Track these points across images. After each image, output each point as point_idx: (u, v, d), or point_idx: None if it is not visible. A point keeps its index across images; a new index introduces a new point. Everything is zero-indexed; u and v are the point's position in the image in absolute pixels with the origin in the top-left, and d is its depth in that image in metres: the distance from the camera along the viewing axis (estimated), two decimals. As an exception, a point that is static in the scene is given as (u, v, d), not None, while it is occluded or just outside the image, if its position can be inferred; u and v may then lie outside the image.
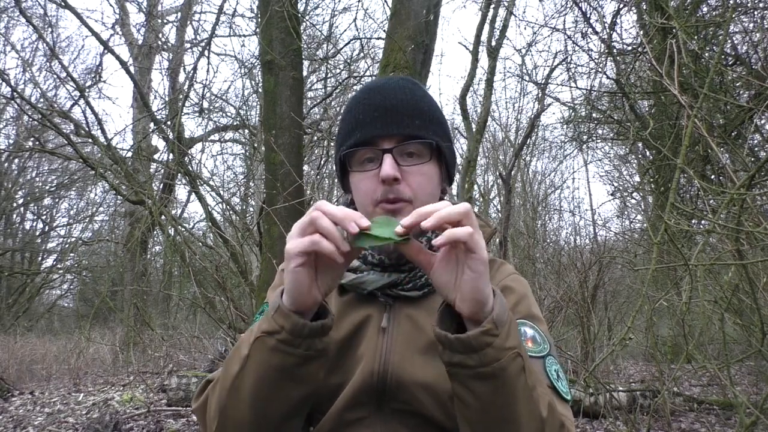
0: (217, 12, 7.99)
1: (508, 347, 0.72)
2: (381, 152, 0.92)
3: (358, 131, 0.94)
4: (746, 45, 6.27)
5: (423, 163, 0.93)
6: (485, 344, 0.71)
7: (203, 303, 5.48)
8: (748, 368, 5.59)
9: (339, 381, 0.90)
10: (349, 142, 0.95)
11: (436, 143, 0.94)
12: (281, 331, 0.75)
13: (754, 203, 3.09)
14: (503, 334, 0.72)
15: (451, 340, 0.72)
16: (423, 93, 0.99)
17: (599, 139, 10.00)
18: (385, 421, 0.88)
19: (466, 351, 0.71)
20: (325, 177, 8.02)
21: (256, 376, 0.79)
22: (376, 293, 0.96)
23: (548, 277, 7.41)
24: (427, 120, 0.95)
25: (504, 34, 8.18)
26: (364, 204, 0.94)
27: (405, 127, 0.93)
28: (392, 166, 0.90)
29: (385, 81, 1.00)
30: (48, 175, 15.48)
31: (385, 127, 0.92)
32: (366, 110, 0.95)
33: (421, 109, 0.95)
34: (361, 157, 0.95)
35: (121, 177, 7.53)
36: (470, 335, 0.71)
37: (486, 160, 14.10)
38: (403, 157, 0.92)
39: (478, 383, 0.73)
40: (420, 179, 0.93)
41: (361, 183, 0.94)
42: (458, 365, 0.73)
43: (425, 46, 4.04)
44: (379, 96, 0.95)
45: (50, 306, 15.82)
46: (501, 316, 0.72)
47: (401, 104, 0.94)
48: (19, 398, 5.55)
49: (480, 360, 0.71)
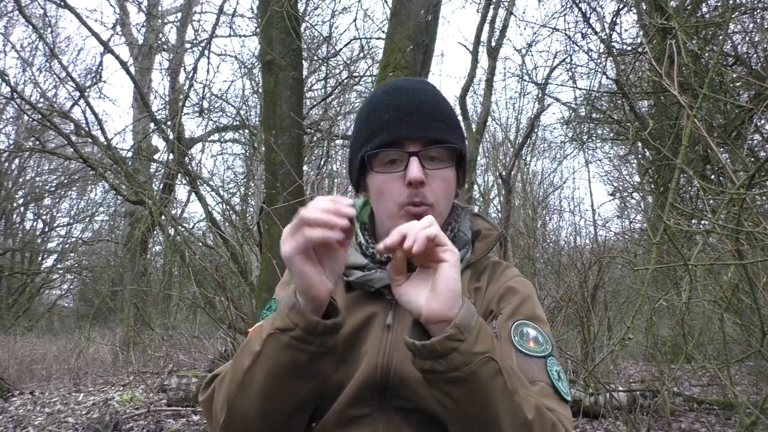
0: (217, 12, 8.00)
1: (477, 352, 0.73)
2: (407, 155, 0.92)
3: (383, 132, 0.94)
4: (746, 45, 6.28)
5: (445, 168, 0.95)
6: (450, 349, 0.72)
7: (203, 303, 5.48)
8: (748, 368, 5.59)
9: (342, 376, 0.91)
10: (373, 143, 0.94)
11: (459, 148, 0.95)
12: (295, 329, 0.77)
13: (754, 203, 3.10)
14: (470, 339, 0.73)
15: (418, 347, 0.74)
16: (442, 96, 1.00)
17: (599, 139, 10.01)
18: (388, 418, 0.89)
19: (434, 357, 0.73)
20: (325, 177, 8.03)
21: (267, 371, 0.80)
22: (382, 291, 0.97)
23: (548, 277, 7.41)
24: (451, 124, 0.96)
25: (504, 34, 8.18)
26: (388, 206, 0.95)
27: (431, 131, 0.93)
28: (419, 169, 0.90)
29: (404, 82, 1.01)
30: (48, 175, 15.48)
31: (411, 129, 0.93)
32: (391, 111, 0.94)
33: (444, 113, 0.96)
34: (385, 158, 0.95)
35: (121, 177, 7.52)
36: (434, 341, 0.73)
37: (486, 160, 14.10)
38: (426, 161, 0.93)
39: (452, 387, 0.74)
40: (442, 184, 0.94)
41: (386, 185, 0.94)
42: (430, 371, 0.75)
43: (425, 46, 4.04)
44: (403, 98, 0.95)
45: (50, 306, 15.81)
46: (466, 322, 0.74)
47: (426, 107, 0.94)
48: (19, 398, 5.55)
49: (448, 365, 0.73)
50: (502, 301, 0.98)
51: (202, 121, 11.03)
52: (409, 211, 0.92)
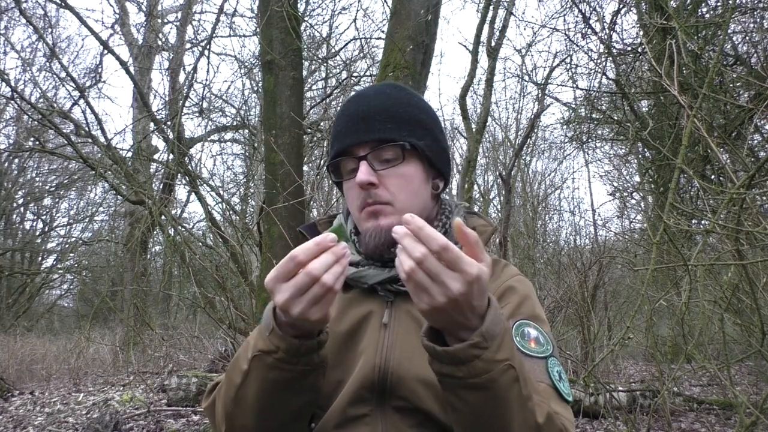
0: (217, 12, 7.99)
1: (499, 359, 0.71)
2: (357, 160, 0.94)
3: (337, 142, 0.97)
4: (746, 45, 6.28)
5: (397, 165, 0.95)
6: (473, 357, 0.70)
7: (203, 303, 5.48)
8: (748, 368, 5.59)
9: (340, 377, 0.91)
10: (332, 154, 0.98)
11: (410, 144, 0.95)
12: (277, 351, 0.76)
13: (754, 203, 3.10)
14: (493, 347, 0.71)
15: (438, 352, 0.72)
16: (402, 96, 1.00)
17: (599, 140, 10.00)
18: (387, 418, 0.88)
19: (454, 363, 0.71)
20: (325, 177, 8.01)
21: (258, 388, 0.80)
22: (376, 288, 0.97)
23: (548, 277, 7.41)
24: (400, 121, 0.96)
25: (504, 34, 8.17)
26: (353, 211, 0.98)
27: (376, 132, 0.94)
28: (366, 172, 0.92)
29: (366, 89, 1.03)
30: (48, 175, 15.47)
31: (358, 134, 0.95)
32: (343, 121, 0.98)
33: (393, 112, 0.96)
34: (345, 167, 0.98)
35: (121, 177, 7.52)
36: (457, 348, 0.71)
37: (486, 160, 14.09)
38: (380, 162, 0.94)
39: (468, 393, 0.73)
40: (397, 181, 0.94)
41: (348, 192, 0.98)
42: (447, 376, 0.73)
43: (425, 46, 4.04)
44: (355, 105, 0.98)
45: (50, 306, 15.80)
46: (492, 329, 0.71)
47: (373, 110, 0.96)
48: (19, 398, 5.55)
49: (468, 372, 0.71)
50: (502, 301, 0.98)
51: (202, 121, 11.04)
52: (366, 213, 0.94)
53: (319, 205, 6.20)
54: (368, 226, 0.95)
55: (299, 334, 0.76)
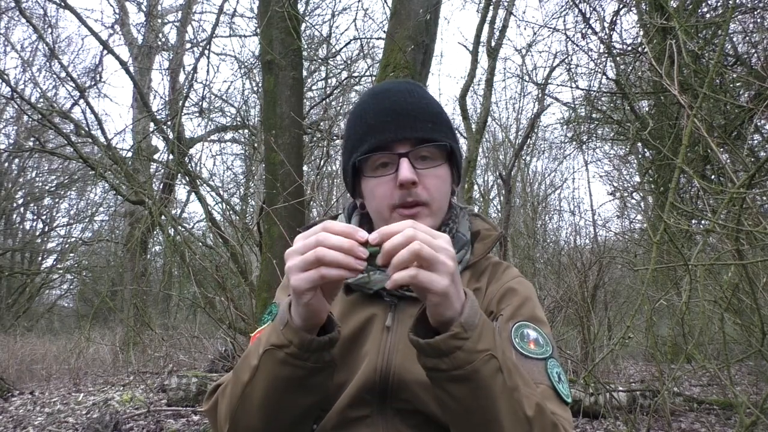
0: (217, 12, 7.99)
1: (480, 350, 0.73)
2: (397, 156, 0.92)
3: (371, 136, 0.94)
4: (746, 45, 6.28)
5: (438, 166, 0.95)
6: (455, 347, 0.72)
7: (203, 303, 5.48)
8: (748, 368, 5.59)
9: (343, 379, 0.91)
10: (363, 148, 0.95)
11: (449, 146, 0.95)
12: (290, 346, 0.77)
13: (754, 203, 3.10)
14: (474, 337, 0.72)
15: (421, 344, 0.74)
16: (429, 95, 1.01)
17: (599, 140, 10.00)
18: (387, 420, 0.89)
19: (437, 355, 0.73)
20: (325, 177, 8.02)
21: (266, 385, 0.80)
22: (381, 293, 0.96)
23: (548, 277, 7.41)
24: (439, 122, 0.96)
25: (504, 34, 8.17)
26: (381, 209, 0.95)
27: (418, 131, 0.93)
28: (410, 170, 0.91)
29: (390, 85, 1.01)
30: (48, 175, 15.48)
31: (399, 131, 0.93)
32: (377, 115, 0.95)
33: (432, 112, 0.96)
34: (375, 162, 0.95)
35: (121, 177, 7.52)
36: (438, 339, 0.72)
37: (486, 160, 14.09)
38: (418, 161, 0.93)
39: (454, 386, 0.74)
40: (435, 182, 0.94)
41: (378, 188, 0.95)
42: (433, 369, 0.74)
43: (425, 46, 4.04)
44: (388, 100, 0.96)
45: (50, 306, 15.80)
46: (470, 320, 0.73)
47: (412, 107, 0.95)
48: (19, 398, 5.55)
49: (451, 363, 0.72)
50: (502, 302, 0.98)
51: (202, 121, 11.04)
52: (401, 213, 0.93)
53: (319, 205, 6.21)
54: None
55: (311, 327, 0.77)
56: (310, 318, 0.76)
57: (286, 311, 0.78)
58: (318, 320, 0.77)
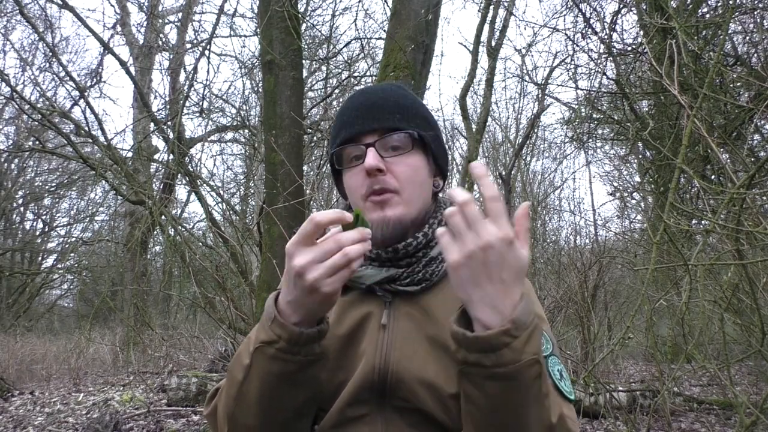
0: (217, 12, 7.99)
1: (527, 351, 0.71)
2: (364, 147, 0.94)
3: (343, 131, 0.97)
4: (746, 45, 6.28)
5: (406, 153, 0.95)
6: (503, 344, 0.70)
7: (203, 303, 5.48)
8: (748, 368, 5.59)
9: (342, 378, 0.91)
10: (336, 142, 0.98)
11: (418, 134, 0.96)
12: (279, 341, 0.78)
13: (754, 203, 3.10)
14: (523, 337, 0.70)
15: (468, 338, 0.71)
16: (406, 93, 1.03)
17: (599, 140, 10.01)
18: (386, 418, 0.88)
19: (483, 350, 0.70)
20: (325, 177, 8.02)
21: (260, 383, 0.81)
22: (374, 288, 0.96)
23: (548, 277, 7.41)
24: (408, 114, 0.98)
25: (504, 34, 8.16)
26: (355, 200, 0.97)
27: (385, 121, 0.95)
28: (375, 157, 0.92)
29: (373, 86, 1.05)
30: (48, 175, 15.47)
31: (366, 123, 0.95)
32: (349, 111, 0.98)
33: (401, 105, 0.98)
34: (349, 155, 0.97)
35: (121, 177, 7.52)
36: (489, 334, 0.70)
37: (486, 160, 14.08)
38: (386, 150, 0.95)
39: (492, 384, 0.72)
40: (405, 169, 0.94)
41: (350, 180, 0.97)
42: (474, 364, 0.72)
43: (425, 46, 4.04)
44: (362, 97, 1.00)
45: (50, 306, 15.80)
46: (522, 319, 0.71)
47: (381, 101, 0.98)
48: (19, 398, 5.56)
49: (496, 360, 0.70)
50: None
51: (202, 121, 11.04)
52: (372, 200, 0.93)
53: (319, 205, 6.20)
54: (373, 216, 0.93)
55: (300, 321, 0.78)
56: (318, 314, 0.79)
57: (272, 306, 0.79)
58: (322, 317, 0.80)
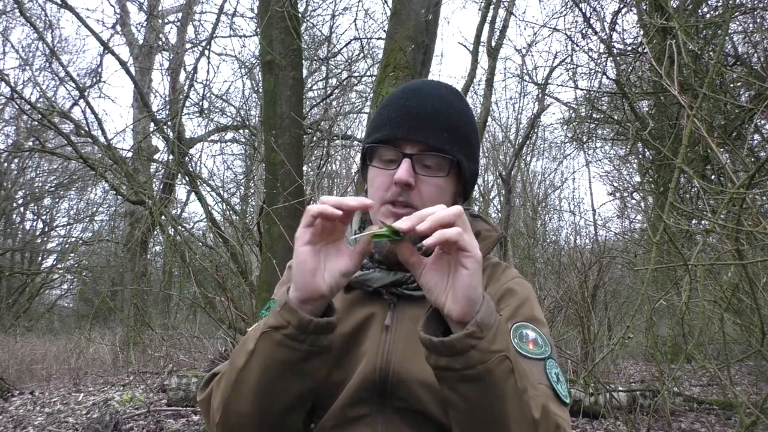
0: (217, 12, 7.98)
1: (494, 350, 0.72)
2: (402, 155, 0.92)
3: (385, 129, 0.94)
4: (746, 45, 6.28)
5: (439, 177, 0.93)
6: (469, 347, 0.71)
7: (203, 303, 5.48)
8: (748, 368, 5.59)
9: (342, 377, 0.91)
10: (375, 136, 0.95)
11: (457, 161, 0.94)
12: (287, 326, 0.78)
13: (754, 203, 3.10)
14: (489, 337, 0.72)
15: (435, 343, 0.73)
16: (462, 108, 0.99)
17: (599, 140, 10.01)
18: (386, 418, 0.89)
19: (451, 354, 0.72)
20: (325, 177, 8.03)
21: (261, 369, 0.81)
22: (380, 291, 0.97)
23: (548, 277, 7.41)
24: (456, 135, 0.95)
25: (504, 34, 8.17)
26: (374, 197, 0.95)
27: (430, 137, 0.92)
28: (408, 171, 0.90)
29: (429, 84, 1.00)
30: (48, 175, 15.46)
31: (411, 131, 0.92)
32: (398, 110, 0.95)
33: (452, 123, 0.95)
34: (382, 155, 0.95)
35: (121, 177, 7.52)
36: (453, 338, 0.72)
37: (486, 160, 14.08)
38: (421, 166, 0.92)
39: (465, 386, 0.74)
40: (432, 191, 0.93)
41: (377, 179, 0.95)
42: (444, 368, 0.74)
43: (425, 46, 4.03)
44: (416, 100, 0.95)
45: (50, 306, 15.80)
46: (486, 319, 0.73)
47: (433, 113, 0.93)
48: (19, 398, 5.56)
49: (465, 363, 0.72)
50: (501, 303, 0.98)
51: (202, 121, 11.04)
52: (389, 209, 0.92)
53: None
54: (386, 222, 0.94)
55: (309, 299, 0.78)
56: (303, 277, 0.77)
57: (285, 293, 0.80)
58: (312, 287, 0.77)
